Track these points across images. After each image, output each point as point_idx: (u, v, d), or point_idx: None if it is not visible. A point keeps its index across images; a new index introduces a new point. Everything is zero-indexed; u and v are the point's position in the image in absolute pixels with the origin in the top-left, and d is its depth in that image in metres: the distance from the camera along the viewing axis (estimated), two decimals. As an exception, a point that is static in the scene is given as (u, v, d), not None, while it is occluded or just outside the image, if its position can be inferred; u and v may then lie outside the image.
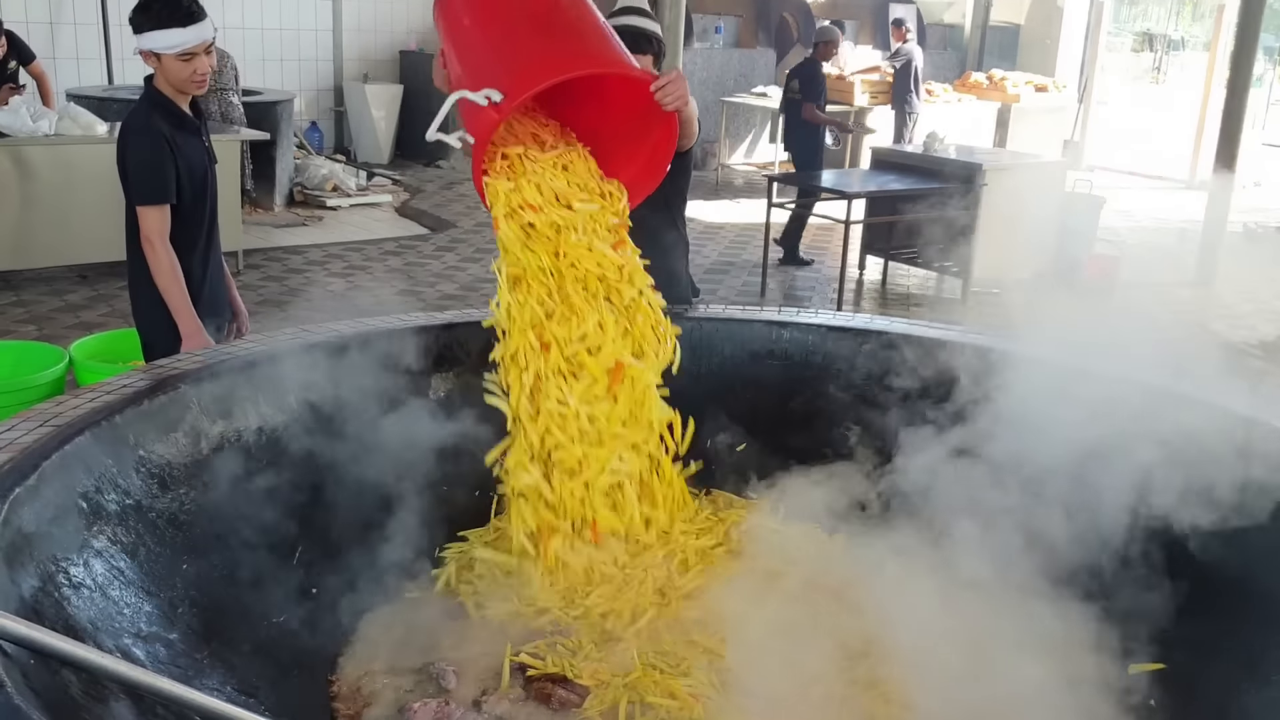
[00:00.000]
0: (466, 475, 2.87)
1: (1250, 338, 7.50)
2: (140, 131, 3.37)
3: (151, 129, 3.35)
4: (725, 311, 3.32)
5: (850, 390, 3.09)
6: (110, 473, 2.14)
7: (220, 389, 2.51)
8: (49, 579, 1.82)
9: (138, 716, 1.70)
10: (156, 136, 3.33)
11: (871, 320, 3.33)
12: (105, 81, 10.36)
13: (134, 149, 3.36)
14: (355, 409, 2.76)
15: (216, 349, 2.81)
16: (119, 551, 2.05)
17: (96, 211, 6.94)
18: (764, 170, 12.03)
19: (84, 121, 7.12)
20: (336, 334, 2.91)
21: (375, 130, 13.08)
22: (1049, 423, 2.54)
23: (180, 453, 2.35)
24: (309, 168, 10.91)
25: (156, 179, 3.34)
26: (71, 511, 2.00)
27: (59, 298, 7.07)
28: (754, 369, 3.17)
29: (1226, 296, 8.91)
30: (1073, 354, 2.79)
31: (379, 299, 7.52)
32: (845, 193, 7.78)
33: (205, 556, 2.25)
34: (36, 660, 1.50)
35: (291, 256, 8.68)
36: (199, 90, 3.45)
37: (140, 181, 3.35)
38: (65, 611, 1.81)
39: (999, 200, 8.21)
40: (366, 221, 10.25)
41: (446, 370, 2.99)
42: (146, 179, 3.34)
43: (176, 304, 3.36)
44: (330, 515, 2.58)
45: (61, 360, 4.15)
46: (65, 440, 2.08)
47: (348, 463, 2.65)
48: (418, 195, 11.54)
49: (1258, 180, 14.40)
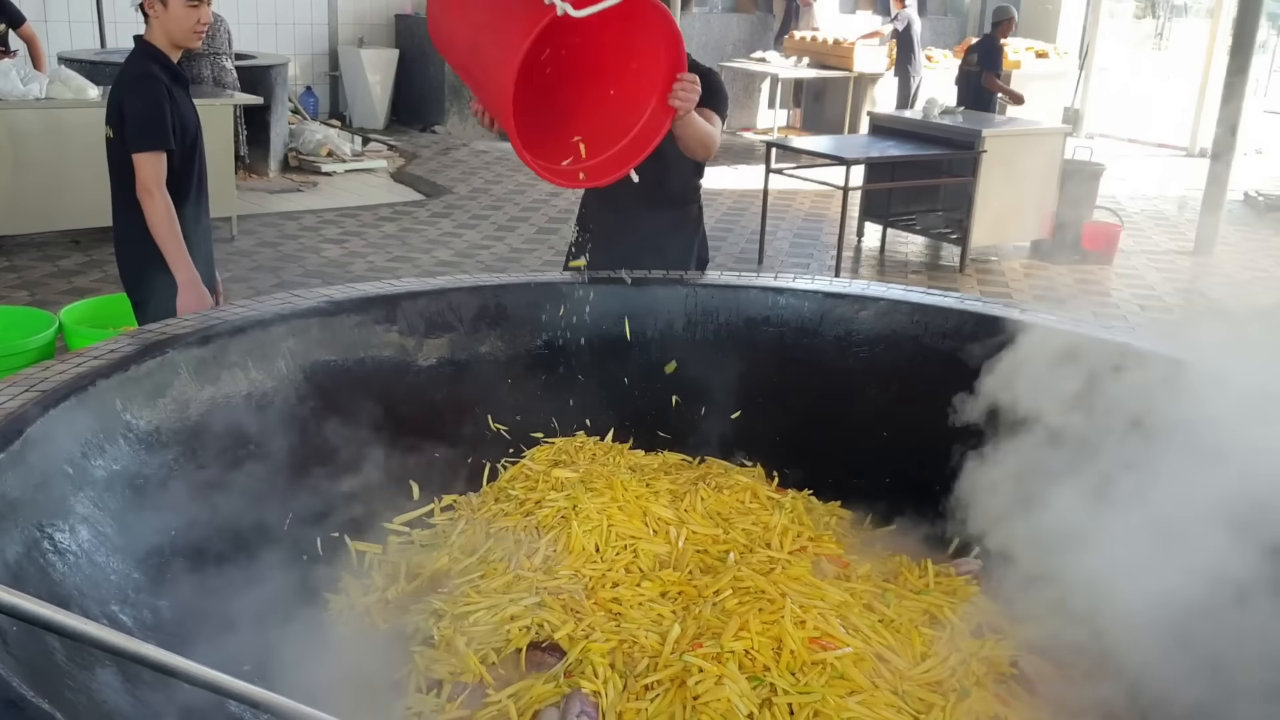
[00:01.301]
0: (460, 440, 2.85)
1: (1250, 306, 7.46)
2: (139, 78, 3.32)
3: (150, 76, 3.31)
4: (721, 278, 3.29)
5: (847, 356, 3.06)
6: (96, 438, 2.12)
7: (208, 354, 2.47)
8: (34, 545, 1.80)
9: (124, 684, 1.69)
10: (156, 83, 3.30)
11: (868, 287, 3.30)
12: (97, 45, 10.25)
13: (132, 95, 3.31)
14: (345, 374, 2.74)
15: (205, 314, 2.77)
16: (105, 518, 2.02)
17: (89, 176, 6.87)
18: (763, 136, 11.94)
19: (75, 85, 7.04)
20: (327, 299, 2.88)
21: (371, 95, 12.98)
22: (1052, 388, 2.52)
23: (168, 418, 2.32)
24: (304, 133, 10.83)
25: (156, 125, 3.30)
26: (57, 477, 1.97)
27: (51, 263, 7.02)
28: (750, 335, 3.14)
29: (1227, 265, 8.87)
30: (1071, 320, 2.76)
31: (374, 265, 7.48)
32: (844, 159, 7.71)
33: (193, 524, 2.23)
34: (20, 627, 1.48)
35: (286, 222, 8.62)
36: (196, 43, 3.41)
37: (139, 128, 3.30)
38: (50, 578, 1.79)
39: (998, 167, 8.15)
40: (361, 187, 10.18)
41: (439, 335, 2.96)
42: (145, 125, 3.30)
43: (173, 254, 3.31)
44: (319, 482, 2.55)
45: (51, 325, 4.12)
46: (50, 406, 2.06)
47: (337, 429, 2.62)
48: (413, 161, 11.46)
49: (1259, 148, 14.32)
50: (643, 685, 2.00)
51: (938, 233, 8.73)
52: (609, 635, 2.13)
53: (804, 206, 10.25)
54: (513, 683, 2.05)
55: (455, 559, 2.45)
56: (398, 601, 2.36)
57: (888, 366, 3.02)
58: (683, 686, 1.97)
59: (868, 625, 2.18)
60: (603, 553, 2.41)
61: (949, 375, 2.91)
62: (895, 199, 8.83)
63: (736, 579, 2.27)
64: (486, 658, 2.10)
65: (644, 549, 2.42)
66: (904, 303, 3.08)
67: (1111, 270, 8.51)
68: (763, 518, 2.62)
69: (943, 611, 2.32)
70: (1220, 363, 2.15)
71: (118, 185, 3.40)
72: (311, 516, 2.50)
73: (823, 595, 2.22)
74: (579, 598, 2.25)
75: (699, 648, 2.04)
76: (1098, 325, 2.89)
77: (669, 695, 1.97)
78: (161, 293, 3.33)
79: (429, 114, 13.19)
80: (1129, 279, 8.29)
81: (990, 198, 8.19)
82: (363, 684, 2.08)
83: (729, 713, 1.90)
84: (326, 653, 2.23)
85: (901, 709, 1.98)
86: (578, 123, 2.67)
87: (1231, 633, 1.94)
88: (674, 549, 2.45)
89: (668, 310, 3.15)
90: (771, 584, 2.23)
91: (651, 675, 2.01)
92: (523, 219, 9.07)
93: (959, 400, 2.58)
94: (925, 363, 2.98)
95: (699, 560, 2.43)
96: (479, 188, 10.37)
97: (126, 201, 3.36)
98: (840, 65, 13.09)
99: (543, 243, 8.43)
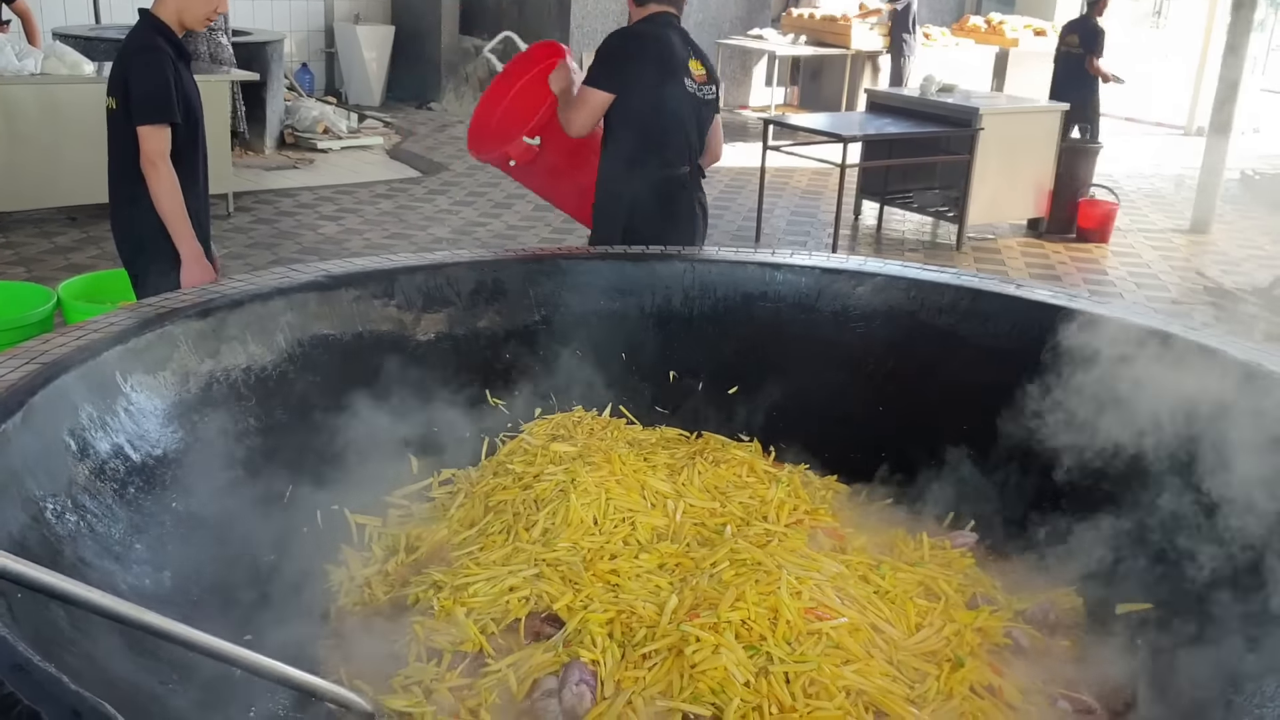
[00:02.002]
0: (458, 415, 2.87)
1: (1245, 284, 7.48)
2: (144, 51, 3.32)
3: (156, 49, 3.31)
4: (719, 253, 3.30)
5: (844, 332, 3.07)
6: (98, 410, 2.13)
7: (207, 327, 2.48)
8: (37, 515, 1.81)
9: (128, 651, 1.70)
10: (161, 56, 3.30)
11: (865, 262, 3.31)
12: (92, 20, 10.20)
13: (138, 68, 3.31)
14: (343, 349, 2.75)
15: (204, 288, 2.78)
16: (107, 489, 2.04)
17: (85, 152, 6.84)
18: (760, 114, 11.91)
19: (70, 61, 7.02)
20: (325, 273, 2.88)
21: (366, 72, 12.93)
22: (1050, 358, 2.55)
23: (167, 391, 2.33)
24: (299, 110, 10.79)
25: (161, 98, 3.30)
26: (59, 449, 1.98)
27: (48, 240, 7.01)
28: (748, 311, 3.15)
29: (1222, 243, 8.88)
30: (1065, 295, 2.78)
31: (370, 242, 7.47)
32: (842, 136, 7.71)
33: (194, 494, 2.25)
34: (24, 595, 1.49)
35: (282, 199, 8.60)
36: (203, 27, 3.42)
37: (145, 101, 3.30)
38: (54, 548, 1.81)
39: (996, 145, 8.15)
40: (357, 164, 10.16)
41: (437, 310, 2.97)
42: (151, 98, 3.30)
43: (177, 227, 3.31)
44: (318, 456, 2.57)
45: (49, 300, 4.12)
46: (52, 378, 2.07)
47: (338, 402, 2.64)
48: (409, 138, 11.43)
49: (1256, 127, 14.31)
50: (640, 655, 2.02)
51: (935, 211, 8.73)
52: (607, 606, 2.14)
53: (801, 184, 10.24)
54: (512, 652, 2.07)
55: (454, 531, 2.46)
56: (397, 573, 2.38)
57: (884, 341, 3.03)
58: (680, 656, 1.99)
59: (863, 596, 2.20)
60: (601, 525, 2.42)
61: (945, 350, 2.94)
62: (892, 177, 8.83)
63: (733, 551, 2.29)
64: (486, 628, 2.12)
65: (642, 522, 2.44)
66: (901, 278, 3.09)
67: (1108, 248, 8.52)
68: (759, 491, 2.63)
69: (938, 583, 2.34)
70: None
71: (118, 158, 3.40)
72: (311, 489, 2.51)
73: (819, 567, 2.24)
74: (577, 569, 2.26)
75: (696, 618, 2.06)
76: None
77: (667, 664, 1.99)
78: (160, 266, 3.33)
79: (425, 91, 13.14)
80: (1125, 257, 8.30)
81: (987, 176, 8.19)
82: (363, 654, 2.10)
83: (726, 681, 1.91)
84: (327, 623, 2.25)
85: (896, 678, 2.00)
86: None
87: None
88: (671, 522, 2.47)
89: (666, 285, 3.15)
90: (768, 556, 2.25)
91: (649, 645, 2.03)
92: (519, 196, 9.05)
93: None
94: (922, 338, 2.99)
95: (696, 533, 2.45)
96: (475, 165, 10.34)
97: (126, 174, 3.35)
98: (838, 43, 13.05)
99: (540, 220, 8.42)
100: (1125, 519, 2.34)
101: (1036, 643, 2.22)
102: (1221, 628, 2.00)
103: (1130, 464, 2.36)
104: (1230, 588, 2.05)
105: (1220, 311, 6.93)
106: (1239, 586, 2.04)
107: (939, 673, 2.04)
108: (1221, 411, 2.22)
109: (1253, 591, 2.00)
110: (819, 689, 1.93)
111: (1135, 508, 2.33)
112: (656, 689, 1.94)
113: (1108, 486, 2.42)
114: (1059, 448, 2.48)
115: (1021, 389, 2.60)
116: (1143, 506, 2.32)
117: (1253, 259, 8.45)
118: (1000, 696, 2.02)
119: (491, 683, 1.99)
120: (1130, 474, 2.37)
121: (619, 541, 2.38)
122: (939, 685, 2.00)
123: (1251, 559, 2.03)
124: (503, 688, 1.98)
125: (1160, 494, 2.28)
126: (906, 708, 1.93)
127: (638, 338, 3.14)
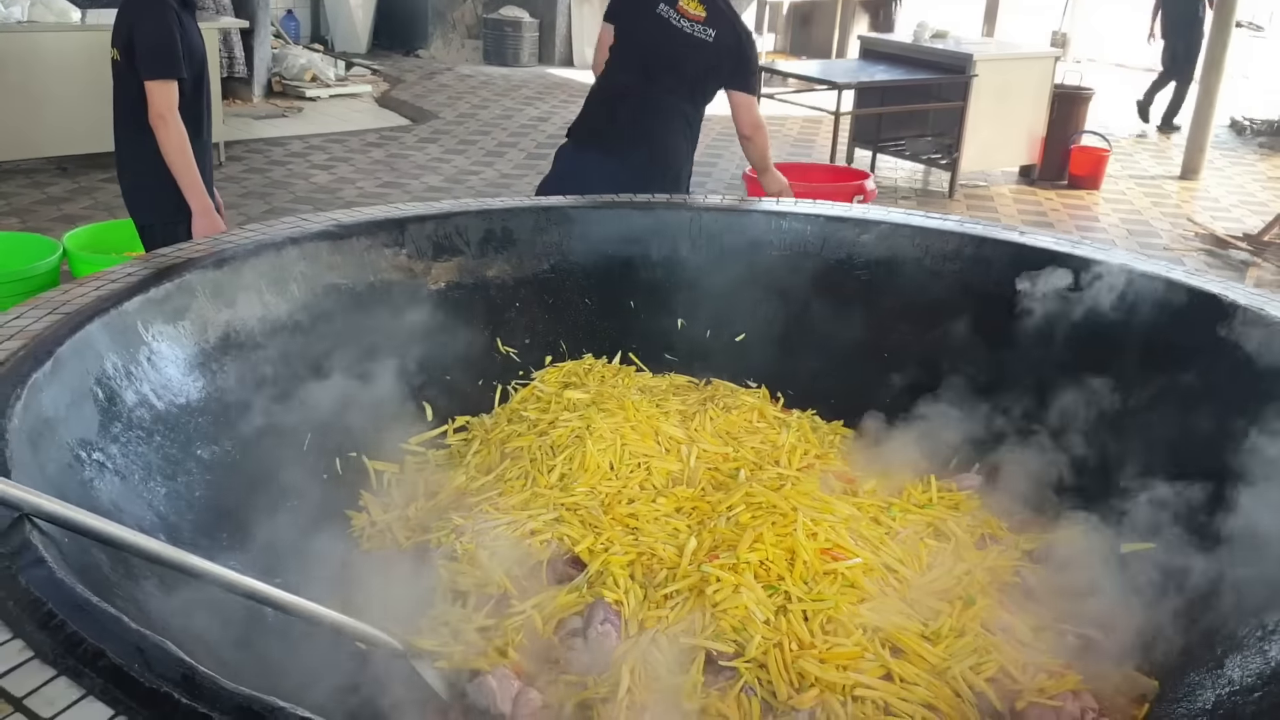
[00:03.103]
0: (470, 363, 2.90)
1: (1235, 229, 7.53)
2: (151, 5, 3.30)
3: (162, 3, 3.29)
4: (724, 201, 3.31)
5: (849, 279, 3.11)
6: (122, 360, 2.15)
7: (224, 277, 2.50)
8: (71, 462, 1.85)
9: (165, 595, 1.74)
10: (168, 10, 3.29)
11: (869, 210, 3.34)
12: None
13: (145, 21, 3.29)
14: (356, 297, 2.77)
15: (216, 238, 2.79)
16: (135, 437, 2.06)
17: (73, 101, 6.80)
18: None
19: (57, 8, 6.93)
20: (335, 222, 2.89)
21: (353, 19, 12.79)
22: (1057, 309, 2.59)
23: (188, 340, 2.35)
24: (287, 58, 10.69)
25: (169, 53, 3.30)
26: (87, 397, 2.01)
27: (40, 190, 6.96)
28: (753, 258, 3.18)
29: (1213, 189, 8.92)
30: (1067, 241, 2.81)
31: (364, 191, 7.45)
32: (837, 83, 7.68)
33: (217, 442, 2.28)
34: (70, 539, 1.53)
35: (272, 148, 8.55)
36: None
37: (152, 55, 3.29)
38: (90, 495, 1.84)
39: (988, 92, 8.14)
40: (347, 112, 10.09)
41: (447, 259, 2.99)
42: (158, 53, 3.30)
43: (187, 181, 3.33)
44: (334, 404, 2.59)
45: (55, 251, 4.13)
46: (76, 327, 2.08)
47: (352, 350, 2.66)
48: (398, 85, 11.34)
49: (1245, 74, 14.30)
50: (662, 595, 2.07)
51: (927, 158, 8.73)
52: (628, 549, 2.19)
53: (793, 132, 10.22)
54: (536, 594, 2.12)
55: (472, 477, 2.50)
56: (418, 518, 2.42)
57: (889, 289, 3.07)
58: (701, 595, 2.04)
59: (875, 537, 2.25)
60: (617, 470, 2.47)
61: (950, 297, 2.97)
62: (885, 124, 8.82)
63: (748, 495, 2.34)
64: (509, 571, 2.17)
65: (657, 467, 2.48)
66: (905, 226, 3.12)
67: (1099, 195, 8.56)
68: (770, 436, 2.68)
69: (946, 524, 2.40)
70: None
71: (123, 109, 3.39)
72: (328, 437, 2.54)
73: (832, 509, 2.29)
74: (596, 514, 2.31)
75: (715, 559, 2.11)
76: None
77: (688, 604, 2.04)
78: (169, 217, 3.34)
79: (412, 38, 13.01)
80: (1117, 204, 8.34)
81: (980, 123, 8.19)
82: (389, 596, 2.14)
83: (747, 619, 1.97)
84: (352, 567, 2.29)
85: (911, 616, 2.06)
86: None
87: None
88: (685, 467, 2.52)
89: (672, 233, 3.17)
90: (783, 499, 2.30)
91: (671, 585, 2.09)
92: (511, 144, 9.02)
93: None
94: (926, 285, 3.03)
95: (710, 477, 2.50)
96: (465, 112, 10.28)
97: (132, 126, 3.35)
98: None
99: (532, 168, 8.40)
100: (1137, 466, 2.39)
101: (1044, 580, 2.28)
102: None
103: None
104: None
105: (1211, 257, 6.98)
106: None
107: (951, 610, 2.10)
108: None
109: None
110: (837, 626, 1.99)
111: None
112: (679, 627, 1.99)
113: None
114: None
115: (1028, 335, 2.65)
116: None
117: (1242, 205, 8.49)
118: (1012, 632, 2.08)
119: (518, 623, 2.04)
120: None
121: (635, 486, 2.43)
122: (952, 622, 2.06)
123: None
124: (529, 628, 2.03)
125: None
126: (921, 643, 2.00)
127: (645, 285, 3.16)
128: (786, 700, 1.87)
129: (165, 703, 1.18)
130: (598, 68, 4.41)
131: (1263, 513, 1.99)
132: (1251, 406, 2.20)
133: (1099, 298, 2.65)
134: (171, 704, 1.18)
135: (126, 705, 1.18)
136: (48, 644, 1.26)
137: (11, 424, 1.72)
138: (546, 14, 13.40)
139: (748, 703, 1.87)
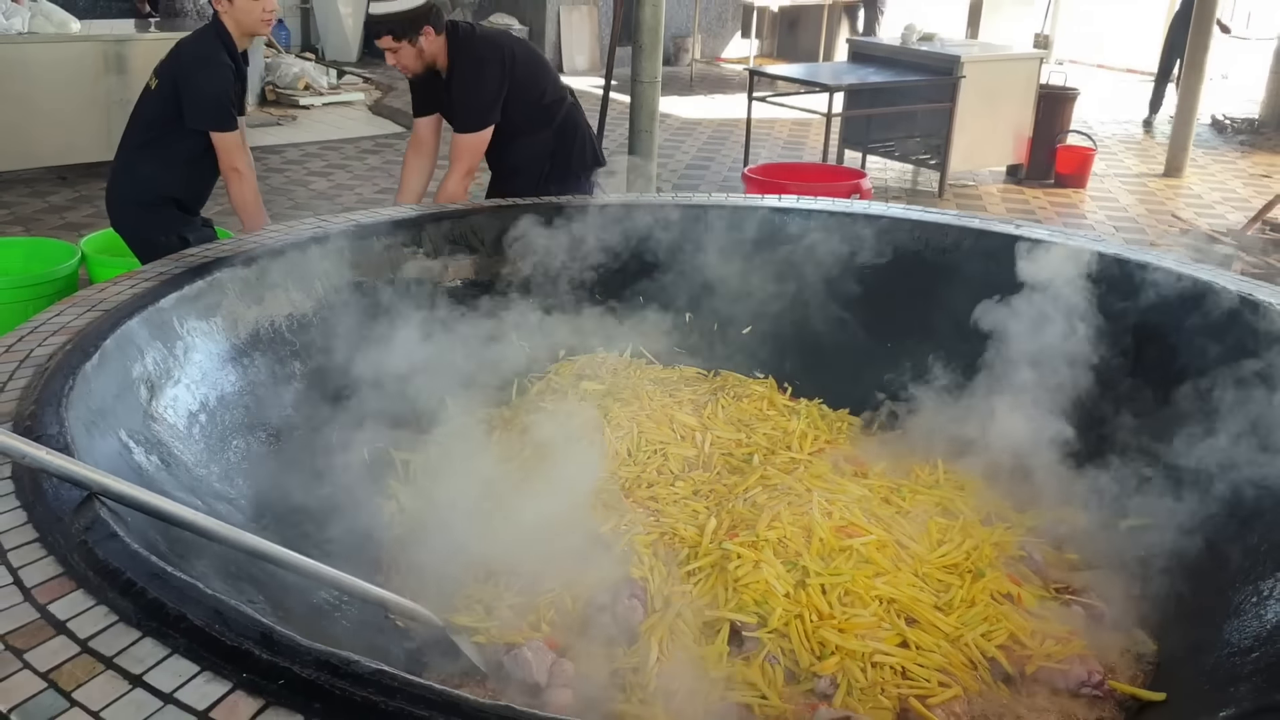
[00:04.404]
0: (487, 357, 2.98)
1: (1219, 225, 7.66)
2: (210, 61, 3.45)
3: (220, 62, 3.46)
4: (729, 199, 3.41)
5: (851, 273, 3.20)
6: (160, 354, 2.23)
7: (252, 275, 2.59)
8: (123, 449, 1.93)
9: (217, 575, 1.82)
10: (225, 70, 3.47)
11: (870, 206, 3.44)
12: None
13: (205, 76, 3.44)
14: (376, 294, 2.86)
15: (240, 238, 2.88)
16: (178, 426, 2.15)
17: (72, 112, 6.87)
18: (739, 65, 11.95)
19: (58, 19, 6.98)
20: (354, 223, 2.98)
21: (343, 27, 12.86)
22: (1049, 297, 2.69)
23: (220, 335, 2.44)
24: (279, 66, 10.75)
25: (227, 109, 3.47)
26: (131, 389, 2.09)
27: (42, 199, 7.01)
28: (758, 253, 3.27)
29: (1196, 186, 9.06)
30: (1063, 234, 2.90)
31: (363, 197, 7.52)
32: (828, 85, 7.79)
33: (252, 432, 2.36)
34: (133, 518, 1.61)
35: (270, 156, 8.61)
36: (266, 30, 3.61)
37: (215, 110, 3.45)
38: (142, 480, 1.92)
39: (975, 92, 8.25)
40: (341, 120, 10.16)
41: (463, 257, 3.08)
42: (219, 108, 3.46)
43: (254, 225, 3.50)
44: (362, 397, 2.68)
45: (74, 255, 4.20)
46: (117, 323, 2.17)
47: (373, 346, 2.74)
48: (390, 93, 11.40)
49: (1225, 74, 14.48)
50: (685, 572, 2.16)
51: (916, 159, 8.84)
52: (650, 529, 2.29)
53: (782, 135, 10.33)
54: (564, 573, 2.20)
55: (494, 464, 2.59)
56: (445, 504, 2.50)
57: (891, 281, 3.16)
58: (723, 571, 2.14)
59: (887, 516, 2.35)
60: (634, 456, 2.56)
61: (949, 288, 3.07)
62: (874, 126, 8.92)
63: (764, 477, 2.43)
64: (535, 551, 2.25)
65: (673, 452, 2.58)
66: (905, 220, 3.22)
67: (1085, 193, 8.68)
68: (781, 423, 2.78)
69: (954, 504, 2.49)
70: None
71: (134, 129, 3.52)
72: (355, 429, 2.62)
73: (845, 490, 2.39)
74: (617, 496, 2.40)
75: (735, 537, 2.20)
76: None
77: (711, 580, 2.13)
78: (157, 235, 3.48)
79: (402, 46, 13.07)
80: (1102, 201, 8.47)
81: (968, 123, 8.29)
82: (423, 576, 2.23)
83: (768, 593, 2.06)
84: (384, 549, 2.38)
85: (923, 588, 2.16)
86: None
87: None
88: (701, 452, 2.61)
89: (680, 230, 3.27)
90: (797, 481, 2.39)
91: (693, 563, 2.18)
92: (505, 150, 9.09)
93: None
94: (926, 277, 3.12)
95: (725, 462, 2.59)
96: (458, 119, 10.36)
97: (136, 147, 3.48)
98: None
99: (527, 173, 8.47)
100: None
101: (1048, 555, 2.38)
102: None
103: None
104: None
105: (1195, 252, 7.11)
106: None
107: (961, 583, 2.19)
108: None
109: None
110: (853, 598, 2.08)
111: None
112: (703, 601, 2.09)
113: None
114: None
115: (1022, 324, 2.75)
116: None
117: (1225, 201, 8.63)
118: (1019, 603, 2.18)
119: (548, 600, 2.12)
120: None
121: (653, 471, 2.52)
122: (963, 594, 2.16)
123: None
124: (558, 604, 2.12)
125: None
126: (934, 613, 2.09)
127: (654, 281, 3.26)
128: (809, 667, 1.96)
129: (247, 659, 1.26)
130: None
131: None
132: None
133: (1099, 290, 2.75)
134: (253, 660, 1.26)
135: (211, 661, 1.26)
136: (130, 609, 1.34)
137: (69, 412, 1.80)
138: (536, 21, 13.50)
139: (771, 670, 1.96)
